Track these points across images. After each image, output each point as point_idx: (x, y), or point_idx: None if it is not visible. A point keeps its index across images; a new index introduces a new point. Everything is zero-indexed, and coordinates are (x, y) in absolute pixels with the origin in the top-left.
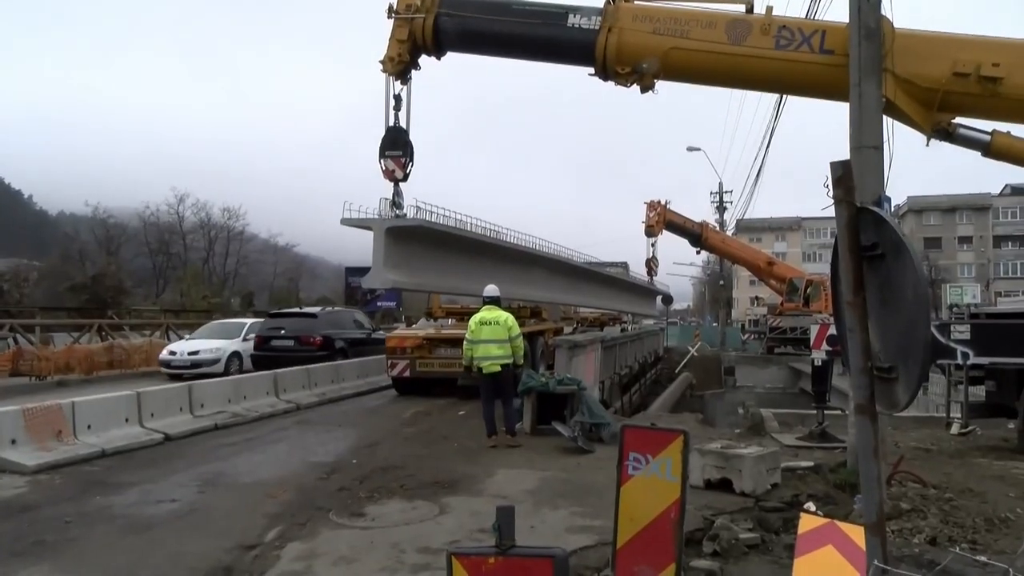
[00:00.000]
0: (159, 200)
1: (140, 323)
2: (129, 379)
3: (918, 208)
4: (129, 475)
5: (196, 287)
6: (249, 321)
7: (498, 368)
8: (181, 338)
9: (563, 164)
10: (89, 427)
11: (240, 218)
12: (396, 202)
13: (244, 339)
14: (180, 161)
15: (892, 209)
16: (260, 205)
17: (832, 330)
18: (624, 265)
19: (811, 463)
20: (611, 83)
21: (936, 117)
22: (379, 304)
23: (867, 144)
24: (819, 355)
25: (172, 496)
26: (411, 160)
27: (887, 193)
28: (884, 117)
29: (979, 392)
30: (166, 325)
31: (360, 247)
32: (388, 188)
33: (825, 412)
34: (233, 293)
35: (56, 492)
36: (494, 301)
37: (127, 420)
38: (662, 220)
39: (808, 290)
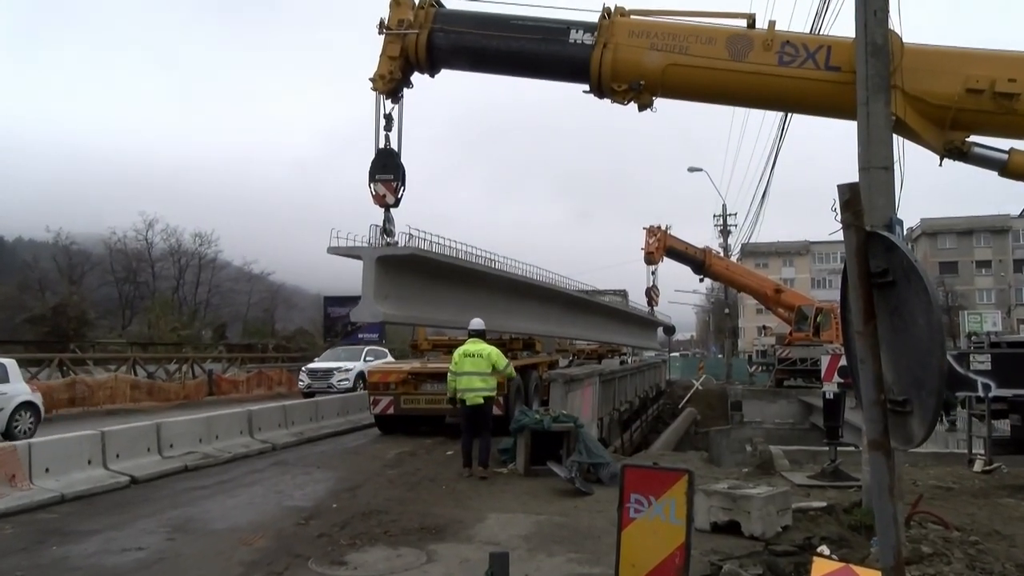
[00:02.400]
0: (126, 226)
1: (105, 357)
2: (93, 417)
3: (932, 231)
4: (91, 522)
5: (165, 318)
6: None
7: (480, 400)
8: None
9: (558, 187)
10: (47, 470)
11: (212, 244)
12: (387, 229)
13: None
14: (149, 185)
15: (904, 232)
16: (234, 231)
17: (844, 361)
18: (623, 294)
19: (824, 503)
20: (607, 101)
21: (949, 136)
22: (360, 336)
23: (876, 165)
24: (830, 388)
25: (138, 544)
26: (403, 184)
27: (899, 215)
28: (894, 136)
29: (1003, 426)
30: (133, 359)
31: (340, 275)
32: (377, 214)
33: (838, 449)
34: (204, 324)
35: (7, 543)
36: (479, 334)
37: (90, 462)
38: (662, 246)
39: (818, 319)
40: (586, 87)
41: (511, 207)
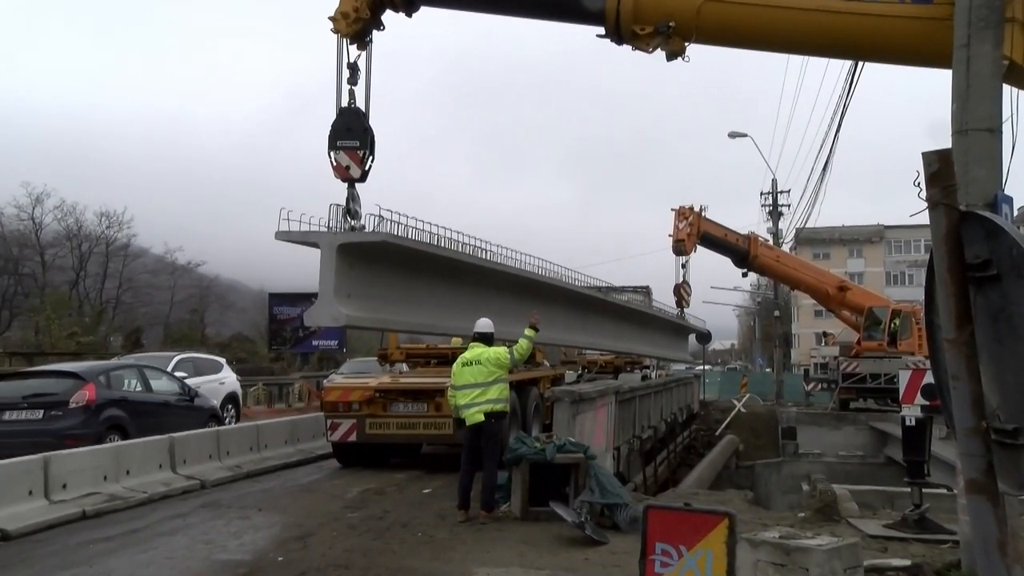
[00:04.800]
0: (4, 200)
1: None
2: None
3: None
4: None
5: (60, 320)
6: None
7: (480, 417)
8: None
9: (565, 160)
10: None
11: (124, 227)
12: (351, 209)
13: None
14: (38, 150)
15: (1014, 214)
16: (153, 210)
17: (929, 377)
18: (645, 291)
19: (907, 562)
20: (628, 48)
21: None
22: (315, 344)
23: (977, 126)
24: (912, 411)
25: None
26: (372, 153)
27: (1006, 192)
28: (1005, 87)
29: None
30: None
31: (290, 267)
32: (339, 191)
33: (923, 491)
34: (113, 328)
35: None
36: (482, 338)
37: None
38: (696, 232)
39: (895, 323)
40: (601, 30)
41: (507, 184)
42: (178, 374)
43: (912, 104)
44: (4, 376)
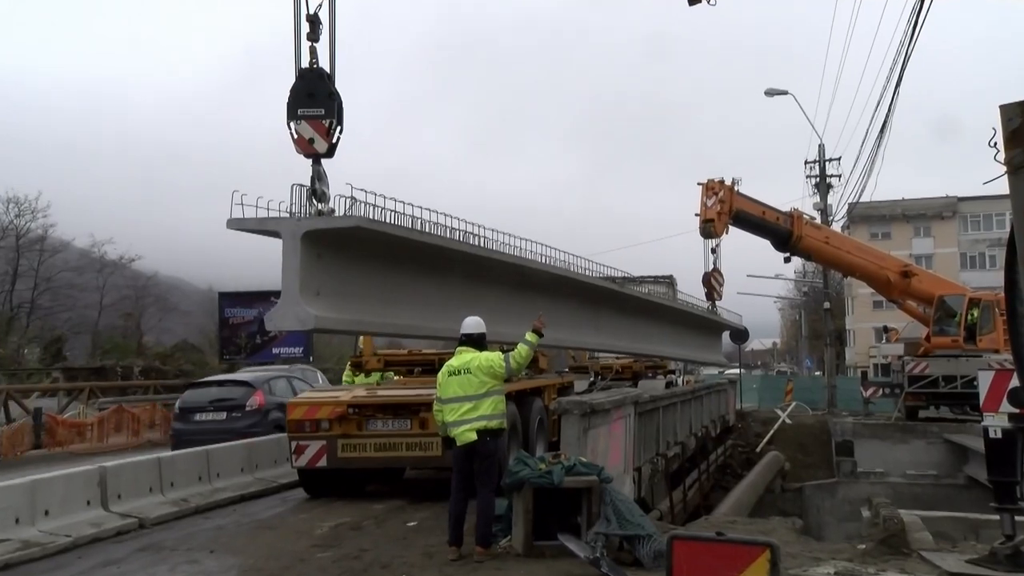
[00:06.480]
0: None
1: None
2: None
3: None
4: None
5: None
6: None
7: (472, 436)
8: None
9: (572, 129)
10: None
11: (39, 215)
12: (317, 190)
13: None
14: None
15: None
16: (77, 197)
17: (1017, 380)
18: (668, 281)
19: None
20: None
21: None
22: (276, 352)
23: None
24: (997, 421)
25: None
26: (339, 123)
27: None
28: None
29: None
30: None
31: (244, 261)
32: (303, 169)
33: (1017, 518)
34: (27, 338)
35: None
36: (472, 341)
37: None
38: (728, 210)
39: (972, 314)
40: None
41: (503, 159)
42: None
43: (991, 49)
44: (195, 384)
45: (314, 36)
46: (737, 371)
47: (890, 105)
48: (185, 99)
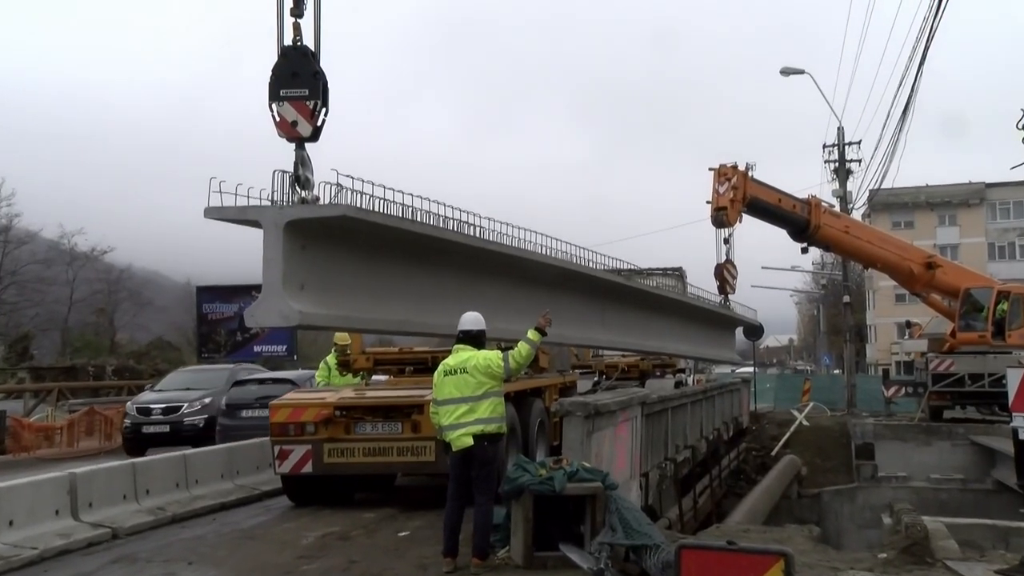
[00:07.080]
0: None
1: None
2: None
3: None
4: None
5: None
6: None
7: (468, 441)
8: None
9: (576, 110)
10: None
11: (3, 204)
12: (301, 177)
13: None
14: None
15: None
16: (44, 185)
17: None
18: (678, 273)
19: None
20: None
21: None
22: (258, 350)
23: None
24: None
25: None
26: (324, 104)
27: None
28: None
29: None
30: None
31: (223, 253)
32: (285, 154)
33: None
34: None
35: None
36: (469, 338)
37: None
38: (741, 198)
39: (1001, 308)
40: None
41: (501, 144)
42: None
43: (1019, 28)
44: (241, 383)
45: (298, 11)
46: (751, 369)
47: (913, 84)
48: (159, 80)
